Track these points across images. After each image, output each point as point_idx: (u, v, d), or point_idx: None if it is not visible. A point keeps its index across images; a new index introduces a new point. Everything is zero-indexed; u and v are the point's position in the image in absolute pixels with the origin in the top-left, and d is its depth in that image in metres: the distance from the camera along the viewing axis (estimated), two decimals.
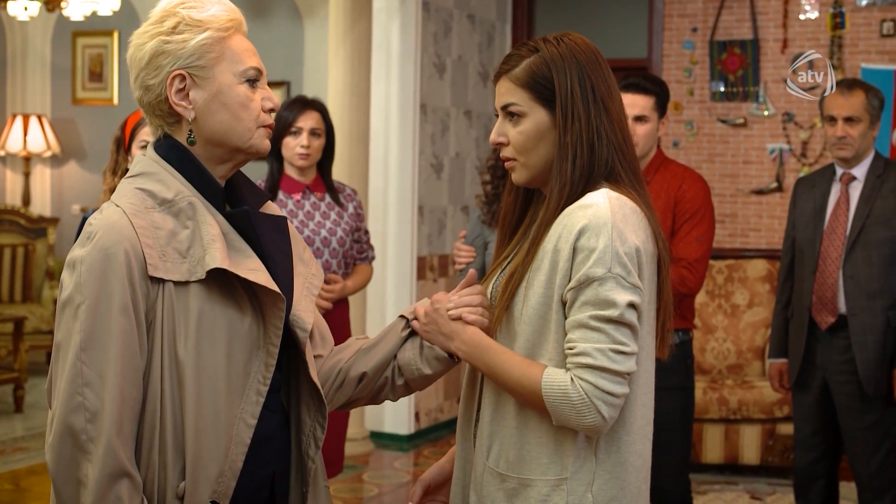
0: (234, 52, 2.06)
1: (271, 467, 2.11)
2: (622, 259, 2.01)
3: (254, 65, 2.07)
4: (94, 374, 1.91)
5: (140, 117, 3.70)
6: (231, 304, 2.01)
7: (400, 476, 6.25)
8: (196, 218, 2.01)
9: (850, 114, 4.31)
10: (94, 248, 1.95)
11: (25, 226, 9.03)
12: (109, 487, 1.89)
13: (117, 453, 1.90)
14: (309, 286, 2.20)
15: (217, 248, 1.98)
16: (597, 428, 2.01)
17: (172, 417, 1.96)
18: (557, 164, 2.13)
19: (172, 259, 1.97)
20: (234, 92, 2.06)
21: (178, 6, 2.05)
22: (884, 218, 4.30)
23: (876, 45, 6.80)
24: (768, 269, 6.59)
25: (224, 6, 2.08)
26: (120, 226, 1.96)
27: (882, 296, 4.29)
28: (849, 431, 4.40)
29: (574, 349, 2.01)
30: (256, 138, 2.09)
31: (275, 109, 2.11)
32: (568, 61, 2.15)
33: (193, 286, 1.97)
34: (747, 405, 6.05)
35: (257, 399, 2.02)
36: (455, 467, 2.31)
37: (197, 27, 2.03)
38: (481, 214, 4.20)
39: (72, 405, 1.90)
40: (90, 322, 1.92)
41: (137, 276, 1.94)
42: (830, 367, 4.39)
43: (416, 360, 2.24)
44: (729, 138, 7.20)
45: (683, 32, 7.31)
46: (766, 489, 5.93)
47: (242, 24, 2.10)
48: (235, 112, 2.06)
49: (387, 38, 6.79)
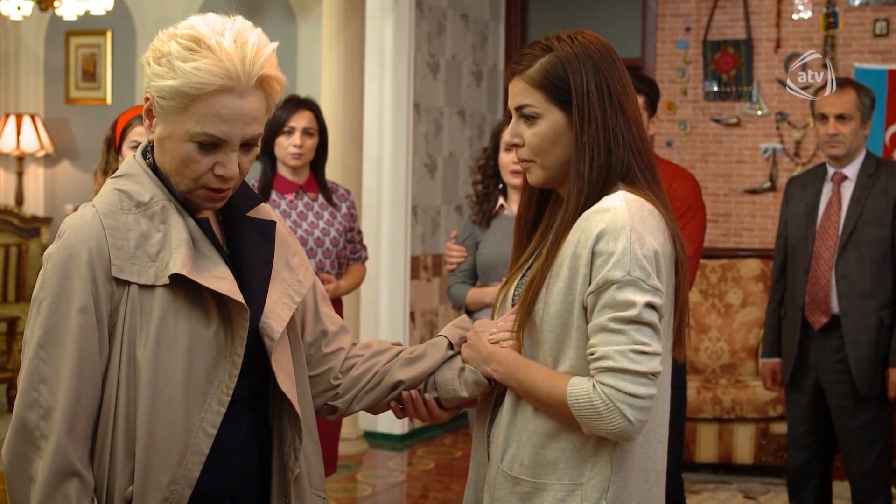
0: (197, 112, 1.94)
1: (232, 480, 2.06)
2: (641, 262, 1.99)
3: (211, 132, 1.94)
4: (50, 370, 1.92)
5: (131, 117, 3.70)
6: (196, 311, 1.98)
7: (394, 476, 6.24)
8: (168, 222, 1.99)
9: (841, 111, 4.31)
10: (61, 246, 1.96)
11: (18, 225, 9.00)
12: (58, 486, 1.89)
13: (67, 452, 1.90)
14: (291, 293, 2.13)
15: (180, 254, 1.95)
16: (625, 432, 1.98)
17: (125, 420, 1.94)
18: (574, 167, 2.11)
19: (141, 262, 1.96)
20: (178, 146, 1.97)
21: (182, 35, 1.96)
22: (876, 217, 4.30)
23: (869, 44, 6.81)
24: (762, 268, 6.60)
25: (219, 63, 1.92)
26: (89, 226, 1.96)
27: (874, 295, 4.29)
28: (842, 431, 4.40)
29: (595, 354, 1.99)
30: (195, 197, 2.02)
31: (226, 178, 1.99)
32: (583, 61, 2.12)
33: (159, 290, 1.95)
34: (741, 405, 6.05)
35: (219, 409, 1.98)
36: (469, 469, 2.31)
37: (171, 71, 1.94)
38: (472, 214, 4.20)
39: (27, 401, 1.92)
40: (50, 319, 1.93)
41: (101, 276, 1.94)
42: (824, 366, 4.39)
43: (454, 382, 2.25)
44: (722, 138, 7.21)
45: (677, 32, 7.31)
46: (760, 488, 5.93)
47: (234, 87, 1.94)
48: (176, 164, 2.00)
49: (380, 37, 6.78)
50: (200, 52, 1.93)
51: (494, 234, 4.11)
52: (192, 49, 1.93)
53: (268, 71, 1.98)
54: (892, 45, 6.77)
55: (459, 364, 2.26)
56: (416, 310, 7.04)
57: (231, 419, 2.02)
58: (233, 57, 1.93)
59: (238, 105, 1.95)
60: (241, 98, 1.96)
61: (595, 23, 7.67)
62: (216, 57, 1.92)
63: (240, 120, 1.96)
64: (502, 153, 4.09)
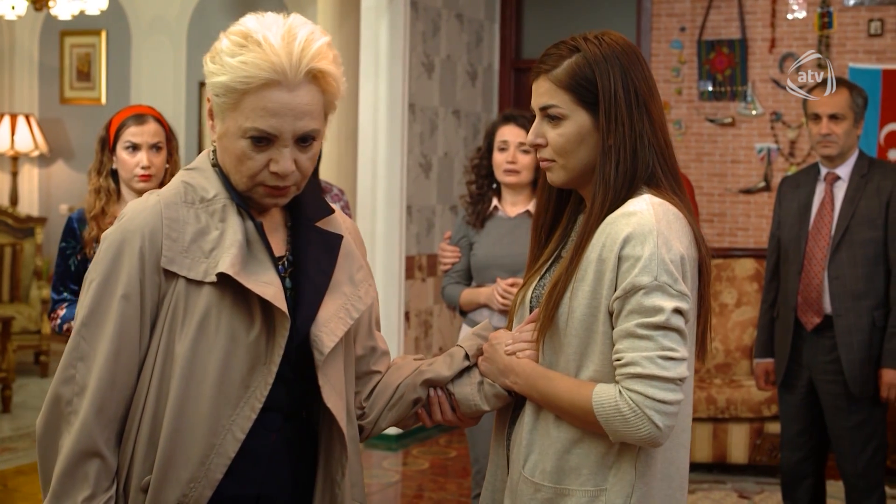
0: (247, 108, 1.93)
1: (256, 487, 2.04)
2: (668, 267, 1.97)
3: (260, 126, 1.93)
4: (90, 349, 1.95)
5: (125, 118, 3.69)
6: (240, 314, 1.97)
7: (389, 476, 6.24)
8: (227, 221, 1.99)
9: (834, 111, 4.31)
10: (118, 228, 1.99)
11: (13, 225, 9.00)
12: (79, 463, 1.93)
13: (92, 432, 1.93)
14: (349, 308, 2.10)
15: (231, 254, 1.95)
16: (653, 439, 1.96)
17: (154, 410, 1.96)
18: (600, 169, 2.09)
19: (194, 256, 1.97)
20: (234, 143, 1.97)
21: (233, 32, 1.97)
22: (868, 218, 4.30)
23: (863, 44, 6.82)
24: (756, 268, 6.60)
25: (264, 57, 1.92)
26: (148, 213, 1.98)
27: (867, 296, 4.29)
28: (835, 431, 4.40)
29: (622, 360, 1.97)
30: (255, 194, 2.02)
31: (281, 174, 1.97)
32: (611, 62, 2.10)
33: (206, 287, 1.96)
34: (735, 404, 6.06)
35: (250, 415, 1.97)
36: (487, 472, 2.30)
37: (221, 67, 1.95)
38: (466, 215, 4.19)
39: (65, 376, 1.96)
40: (95, 300, 1.96)
41: (151, 265, 1.96)
42: (816, 367, 4.40)
43: (475, 396, 2.22)
44: (717, 138, 7.21)
45: (671, 32, 7.32)
46: (754, 488, 5.93)
47: (282, 81, 1.92)
48: (233, 161, 2.00)
49: (375, 37, 6.78)
50: (248, 46, 1.93)
51: (488, 234, 4.11)
52: (240, 45, 1.94)
53: (318, 65, 1.95)
54: (887, 44, 6.77)
55: (478, 378, 2.24)
56: (410, 310, 7.03)
57: (263, 426, 2.01)
58: (279, 51, 1.92)
59: (287, 99, 1.93)
60: (290, 92, 1.93)
61: (590, 23, 7.66)
62: (262, 51, 1.92)
63: (289, 114, 1.94)
64: (496, 153, 4.09)
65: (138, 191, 3.66)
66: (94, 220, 3.62)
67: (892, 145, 6.64)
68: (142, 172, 3.64)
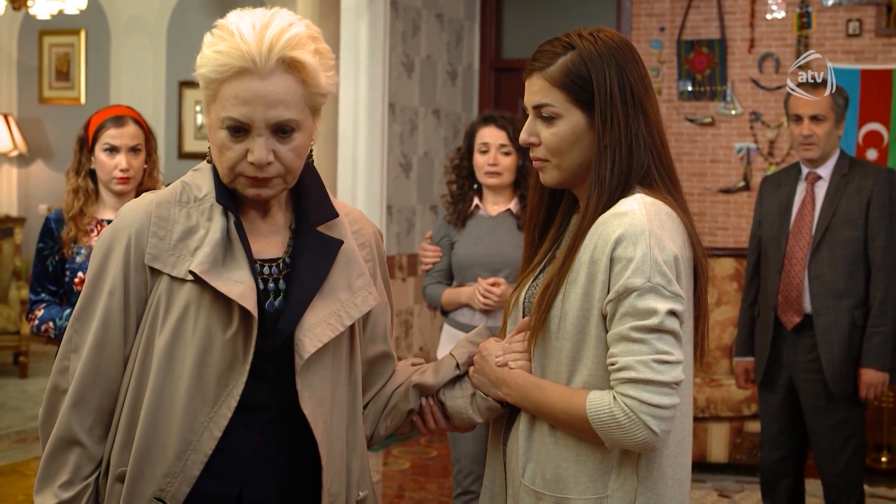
0: (223, 97, 1.94)
1: (239, 487, 2.02)
2: (661, 268, 1.94)
3: (233, 115, 1.94)
4: (80, 342, 2.03)
5: (104, 119, 3.67)
6: (218, 312, 1.97)
7: None
8: (213, 220, 2.01)
9: (815, 112, 4.31)
10: (111, 227, 2.05)
11: None
12: (58, 450, 2.02)
13: (69, 421, 2.00)
14: (341, 315, 2.07)
15: (203, 253, 1.97)
16: (649, 444, 1.93)
17: (132, 402, 2.00)
18: (595, 169, 2.05)
19: (180, 254, 1.99)
20: (214, 134, 1.99)
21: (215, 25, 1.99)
22: (849, 217, 4.31)
23: (842, 44, 6.84)
24: (736, 267, 6.62)
25: (235, 45, 1.92)
26: (139, 212, 2.03)
27: (847, 296, 4.30)
28: (815, 430, 4.41)
29: (616, 364, 1.94)
30: (238, 185, 2.01)
31: (256, 164, 1.96)
32: (606, 60, 2.05)
33: (187, 285, 1.98)
34: (715, 403, 6.07)
35: (227, 413, 1.96)
36: (485, 477, 2.28)
37: (201, 58, 1.97)
38: (447, 214, 4.19)
39: (60, 367, 2.04)
40: (86, 295, 2.04)
41: (136, 262, 2.01)
42: (796, 366, 4.40)
43: (468, 409, 2.22)
44: (696, 137, 7.23)
45: (651, 31, 7.33)
46: (734, 487, 5.95)
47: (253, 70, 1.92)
48: (216, 152, 2.01)
49: (355, 37, 6.77)
50: (224, 36, 1.95)
51: (469, 234, 4.11)
52: (219, 36, 1.96)
53: (291, 53, 1.94)
54: (865, 45, 6.80)
55: (470, 389, 2.22)
56: None
57: (245, 426, 2.01)
58: (248, 39, 1.92)
59: (258, 87, 1.93)
60: (262, 80, 1.93)
61: (570, 22, 7.65)
62: (233, 40, 1.93)
63: (260, 102, 1.93)
64: (476, 154, 4.09)
65: (116, 193, 3.64)
66: (72, 220, 3.60)
67: (871, 145, 6.67)
68: (120, 175, 3.62)
